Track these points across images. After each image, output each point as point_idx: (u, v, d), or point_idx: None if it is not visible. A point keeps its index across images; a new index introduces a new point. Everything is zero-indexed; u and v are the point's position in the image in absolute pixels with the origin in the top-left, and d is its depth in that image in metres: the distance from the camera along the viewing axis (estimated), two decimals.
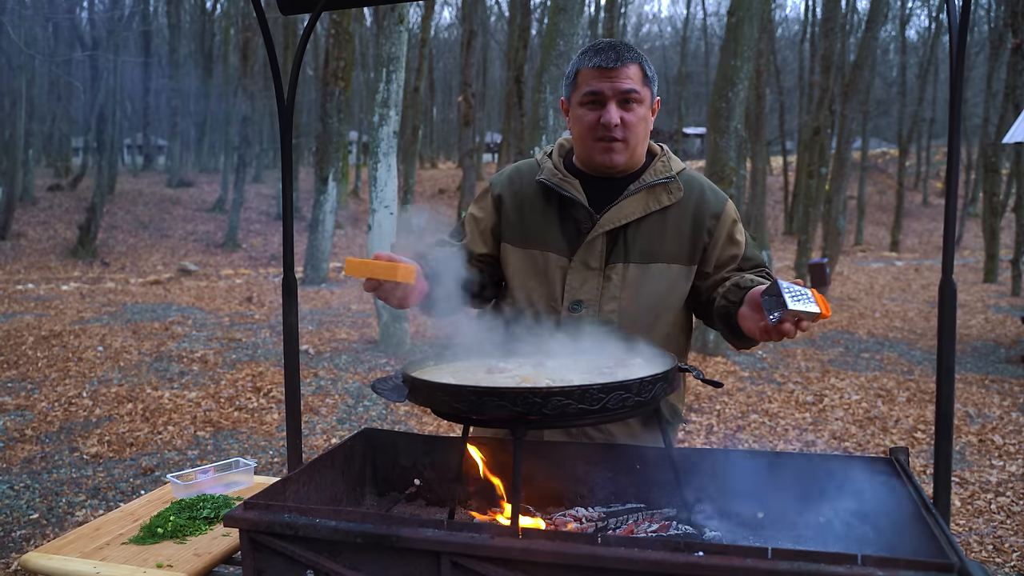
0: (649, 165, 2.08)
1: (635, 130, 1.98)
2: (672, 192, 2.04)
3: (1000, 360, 9.45)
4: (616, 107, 1.95)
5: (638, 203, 2.01)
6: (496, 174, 2.23)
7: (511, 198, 2.12)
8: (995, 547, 4.30)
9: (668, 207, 2.03)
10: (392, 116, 9.26)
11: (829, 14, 18.46)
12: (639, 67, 1.97)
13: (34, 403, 6.95)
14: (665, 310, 2.03)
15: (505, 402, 1.42)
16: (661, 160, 2.08)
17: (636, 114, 1.97)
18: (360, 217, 27.63)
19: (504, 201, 2.12)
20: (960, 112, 1.51)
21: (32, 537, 4.39)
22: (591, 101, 1.97)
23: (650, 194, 2.02)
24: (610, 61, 1.93)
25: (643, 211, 2.01)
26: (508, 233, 2.10)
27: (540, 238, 2.06)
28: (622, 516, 1.73)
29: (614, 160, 1.99)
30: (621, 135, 1.97)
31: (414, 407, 6.89)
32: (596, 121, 1.97)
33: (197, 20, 36.71)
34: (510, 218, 2.10)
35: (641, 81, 1.97)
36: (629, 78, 1.95)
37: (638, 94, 1.96)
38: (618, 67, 1.94)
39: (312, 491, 1.76)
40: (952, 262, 1.53)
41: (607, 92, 1.94)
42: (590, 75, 1.97)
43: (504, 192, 2.13)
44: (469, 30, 20.46)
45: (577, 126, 2.03)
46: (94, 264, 19.48)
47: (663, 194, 2.03)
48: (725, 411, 7.01)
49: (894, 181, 33.70)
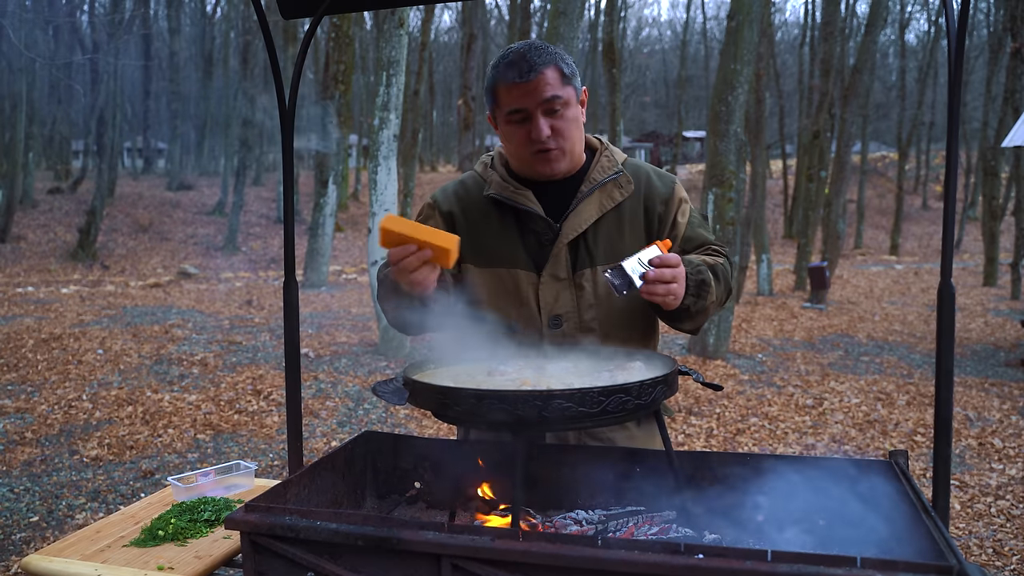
0: (594, 161, 2.03)
1: (567, 135, 1.93)
2: (622, 186, 2.00)
3: (1000, 363, 9.45)
4: (543, 117, 1.88)
5: (593, 205, 1.97)
6: (438, 190, 2.15)
7: (462, 215, 2.04)
8: (995, 550, 4.30)
9: (621, 202, 2.00)
10: (392, 119, 9.28)
11: (829, 18, 18.49)
12: (555, 68, 1.89)
13: (34, 406, 6.95)
14: (641, 308, 1.97)
15: (506, 405, 1.42)
16: (605, 155, 2.03)
17: (564, 118, 1.91)
18: (360, 220, 27.65)
19: (455, 217, 2.05)
20: (959, 117, 1.52)
21: (32, 540, 4.39)
22: (518, 119, 1.91)
23: (603, 193, 1.99)
24: (524, 73, 1.86)
25: (599, 212, 1.97)
26: (466, 252, 1.99)
27: (504, 256, 1.99)
28: (622, 519, 1.73)
29: (555, 169, 1.95)
30: (555, 144, 1.91)
31: (414, 410, 6.90)
32: (527, 136, 1.91)
33: (197, 23, 36.77)
34: (466, 236, 1.98)
35: (560, 83, 1.89)
36: (548, 84, 1.87)
37: (561, 99, 1.89)
38: (533, 78, 1.86)
39: (313, 494, 1.76)
40: (951, 266, 1.54)
41: (529, 106, 1.88)
42: (508, 91, 1.89)
43: (454, 208, 2.06)
44: (469, 34, 20.45)
45: (510, 143, 1.97)
46: (94, 267, 19.48)
47: (615, 190, 1.99)
48: (725, 414, 7.01)
49: (894, 185, 33.73)
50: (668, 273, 1.68)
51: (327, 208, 15.68)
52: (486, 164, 2.10)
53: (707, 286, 1.81)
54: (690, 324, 1.89)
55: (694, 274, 1.79)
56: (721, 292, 1.90)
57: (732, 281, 1.99)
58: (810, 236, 17.46)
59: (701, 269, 1.82)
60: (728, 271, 1.96)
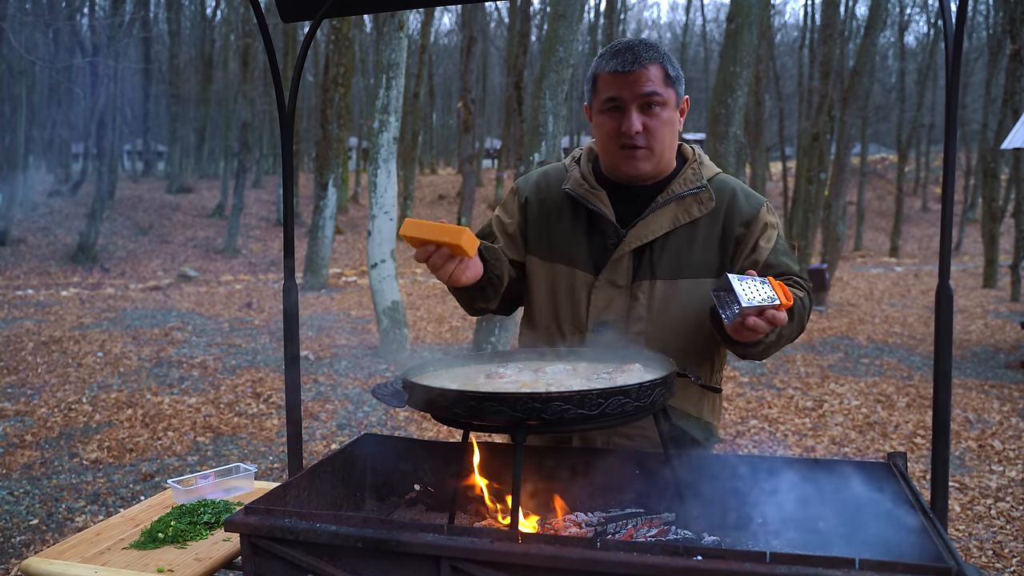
0: (679, 172, 1.95)
1: (659, 136, 1.86)
2: (703, 203, 1.91)
3: (1000, 365, 9.45)
4: (637, 113, 1.84)
5: (666, 217, 1.91)
6: (523, 177, 2.14)
7: (538, 205, 2.03)
8: (995, 552, 4.30)
9: (698, 219, 1.91)
10: (392, 122, 9.29)
11: (828, 20, 18.51)
12: (660, 67, 1.84)
13: (34, 409, 6.95)
14: (696, 329, 1.87)
15: (504, 407, 1.43)
16: (692, 167, 1.96)
17: (659, 119, 1.85)
18: (360, 223, 27.66)
19: (531, 206, 2.04)
20: (955, 122, 1.52)
21: (32, 543, 4.39)
22: (611, 108, 1.86)
23: (679, 206, 1.91)
24: (628, 64, 1.82)
25: (671, 225, 1.90)
26: (534, 243, 2.01)
27: (567, 253, 1.97)
28: (621, 521, 1.73)
29: (639, 169, 1.89)
30: (644, 142, 1.85)
31: (414, 413, 6.89)
32: (617, 129, 1.86)
33: (197, 26, 36.79)
34: (537, 226, 2.01)
35: (663, 82, 1.85)
36: (650, 80, 1.82)
37: (660, 97, 1.84)
38: (636, 70, 1.81)
39: (312, 496, 1.77)
40: (948, 267, 1.54)
41: (626, 97, 1.83)
42: (608, 80, 1.85)
43: (531, 196, 2.05)
44: (469, 36, 20.48)
45: (599, 134, 1.92)
46: (94, 270, 19.47)
47: (693, 206, 1.91)
48: (725, 416, 7.02)
49: (893, 186, 33.74)
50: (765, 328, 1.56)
51: (327, 211, 15.69)
52: (574, 158, 2.07)
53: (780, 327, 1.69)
54: (752, 355, 1.79)
55: None
56: (791, 331, 1.79)
57: (807, 317, 1.87)
58: (810, 238, 17.45)
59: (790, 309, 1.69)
60: (805, 307, 1.83)
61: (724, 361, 2.06)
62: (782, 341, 1.77)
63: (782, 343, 1.79)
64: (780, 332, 1.72)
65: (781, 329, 1.70)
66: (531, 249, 2.02)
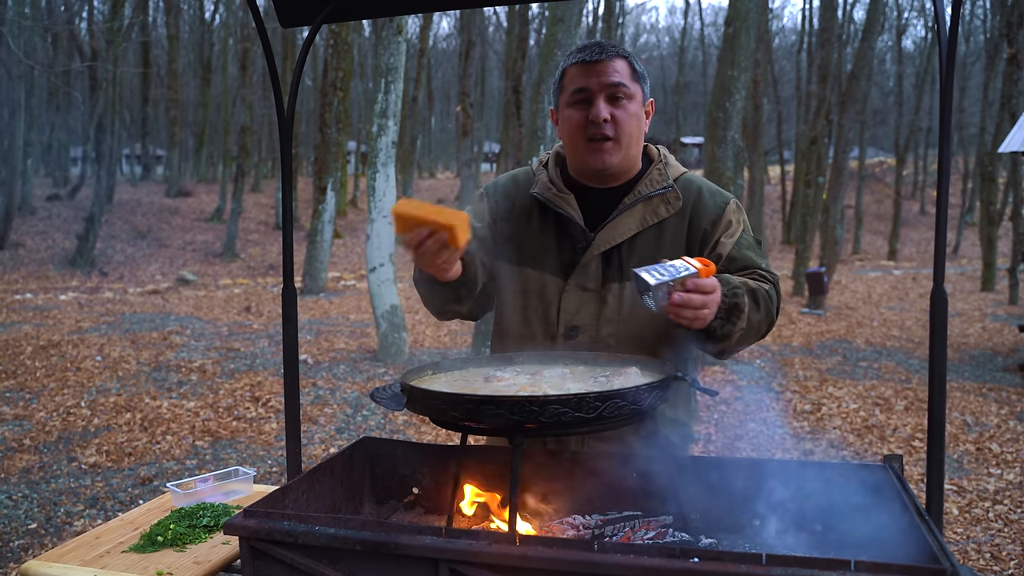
0: (645, 173, 1.97)
1: (625, 128, 1.87)
2: (670, 202, 1.92)
3: (998, 368, 9.46)
4: (604, 102, 1.84)
5: (634, 218, 1.91)
6: (491, 182, 2.13)
7: (507, 209, 2.03)
8: (992, 555, 4.30)
9: (666, 219, 1.92)
10: (390, 126, 9.30)
11: (826, 24, 18.54)
12: (627, 62, 1.87)
13: (32, 413, 6.94)
14: (666, 330, 1.87)
15: (502, 410, 1.43)
16: (657, 167, 1.97)
17: (626, 110, 1.86)
18: (359, 227, 27.65)
19: (500, 209, 2.03)
20: (950, 128, 1.54)
21: (30, 547, 4.39)
22: (578, 100, 1.87)
23: (647, 207, 1.92)
24: (595, 54, 1.84)
25: (639, 226, 1.91)
26: (503, 247, 2.00)
27: (535, 257, 1.97)
28: (619, 523, 1.74)
29: (606, 162, 1.88)
30: (612, 132, 1.85)
31: (412, 417, 6.90)
32: (584, 119, 1.86)
33: (196, 30, 36.83)
34: (505, 230, 2.00)
35: (630, 76, 1.87)
36: (616, 71, 1.84)
37: (627, 88, 1.85)
38: (604, 59, 1.84)
39: (311, 499, 1.77)
40: (943, 271, 1.55)
41: (593, 87, 1.84)
42: (575, 71, 1.87)
43: (500, 201, 2.05)
44: (467, 40, 20.50)
45: (566, 128, 1.92)
46: (92, 274, 19.47)
47: (661, 206, 1.92)
48: (724, 420, 7.02)
49: (891, 190, 33.79)
50: (697, 300, 1.57)
51: (326, 214, 15.70)
52: (542, 162, 2.07)
53: (739, 311, 1.69)
54: (714, 346, 1.76)
55: (729, 296, 1.68)
56: (759, 320, 1.77)
57: (776, 310, 1.83)
58: (808, 242, 17.49)
59: (738, 293, 1.69)
60: (772, 299, 1.82)
61: (699, 362, 2.07)
62: (751, 330, 1.75)
63: (752, 333, 1.77)
64: (748, 319, 1.71)
65: (749, 315, 1.71)
66: (500, 253, 2.00)
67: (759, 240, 2.03)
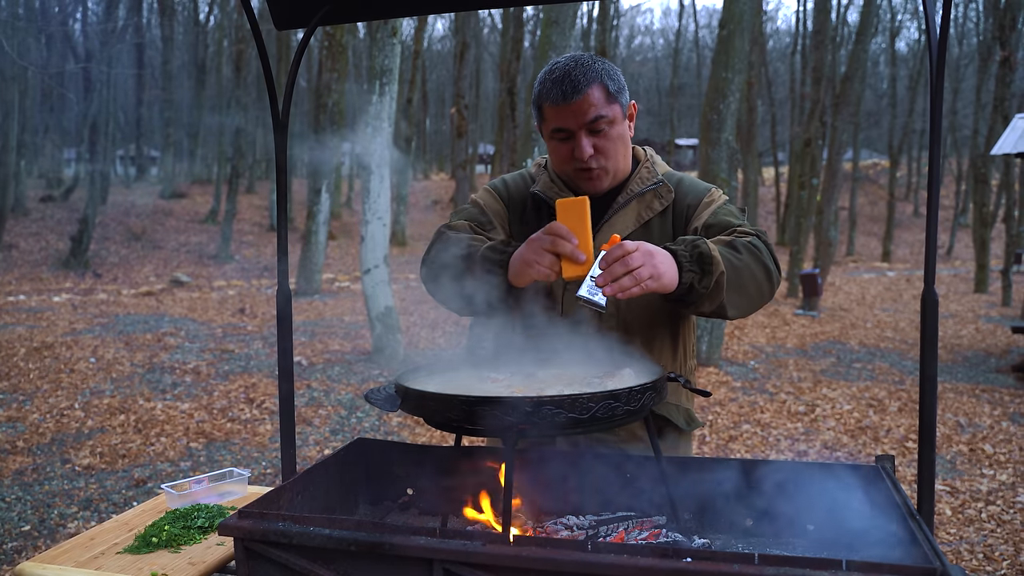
0: (635, 172, 2.04)
1: (611, 154, 1.93)
2: (662, 196, 2.00)
3: (991, 370, 9.50)
4: (587, 137, 1.89)
5: (630, 215, 1.99)
6: (498, 179, 2.20)
7: (514, 206, 2.10)
8: (985, 555, 4.32)
9: (661, 212, 1.99)
10: (385, 128, 9.30)
11: (820, 27, 18.61)
12: (600, 87, 1.87)
13: (26, 415, 6.93)
14: (662, 318, 1.97)
15: (496, 411, 1.44)
16: (646, 166, 2.05)
17: (608, 137, 1.91)
18: (353, 228, 27.63)
19: (512, 206, 2.10)
20: (940, 131, 1.55)
21: (24, 549, 4.38)
22: (561, 137, 1.92)
23: (641, 203, 2.00)
24: (568, 95, 1.85)
25: (637, 222, 1.98)
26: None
27: None
28: (613, 524, 1.75)
29: (597, 187, 1.96)
30: (597, 164, 1.92)
31: (407, 419, 6.90)
32: (570, 154, 1.92)
33: (190, 31, 36.73)
34: (514, 227, 2.07)
35: (606, 101, 1.88)
36: (592, 105, 1.86)
37: (606, 117, 1.88)
38: (577, 100, 1.85)
39: (306, 500, 1.77)
40: (934, 273, 1.56)
41: (573, 127, 1.88)
42: (552, 112, 1.90)
43: (505, 196, 2.12)
44: (462, 42, 20.54)
45: (554, 157, 1.99)
46: (86, 275, 19.42)
47: (654, 201, 2.00)
48: (717, 421, 7.04)
49: (885, 192, 33.90)
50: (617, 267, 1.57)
51: (320, 216, 15.68)
52: (540, 164, 2.13)
53: (709, 259, 1.67)
54: (708, 305, 1.72)
55: (687, 249, 1.67)
56: (746, 264, 1.74)
57: (768, 259, 1.80)
58: (802, 243, 17.54)
59: (697, 243, 1.69)
60: (758, 248, 1.80)
61: (692, 349, 2.12)
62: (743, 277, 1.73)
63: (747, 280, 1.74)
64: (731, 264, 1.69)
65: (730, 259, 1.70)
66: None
67: (743, 209, 2.07)
